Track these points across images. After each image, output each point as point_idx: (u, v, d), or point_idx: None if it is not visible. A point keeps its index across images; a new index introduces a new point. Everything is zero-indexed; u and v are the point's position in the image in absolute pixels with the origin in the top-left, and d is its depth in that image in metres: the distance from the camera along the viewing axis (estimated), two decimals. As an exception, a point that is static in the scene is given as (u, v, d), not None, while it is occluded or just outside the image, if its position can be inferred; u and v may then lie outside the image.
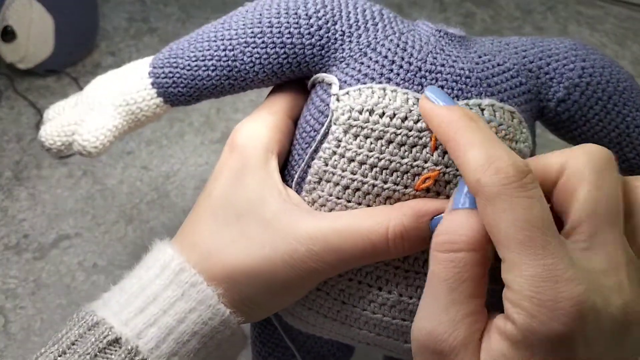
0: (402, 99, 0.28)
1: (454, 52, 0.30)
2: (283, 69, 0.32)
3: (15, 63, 0.67)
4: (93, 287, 0.49)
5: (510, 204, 0.22)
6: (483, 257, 0.24)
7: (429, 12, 0.83)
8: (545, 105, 0.32)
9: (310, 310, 0.31)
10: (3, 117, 0.65)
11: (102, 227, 0.54)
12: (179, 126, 0.65)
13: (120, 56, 0.73)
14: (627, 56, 0.77)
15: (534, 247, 0.22)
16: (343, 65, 0.30)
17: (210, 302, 0.28)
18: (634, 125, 0.32)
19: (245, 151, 0.30)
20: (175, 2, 0.82)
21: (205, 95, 0.34)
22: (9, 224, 0.54)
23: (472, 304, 0.23)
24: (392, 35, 0.30)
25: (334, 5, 0.31)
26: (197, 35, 0.33)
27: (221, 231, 0.29)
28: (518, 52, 0.32)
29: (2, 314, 0.47)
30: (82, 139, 0.33)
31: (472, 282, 0.24)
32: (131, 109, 0.34)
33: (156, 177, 0.59)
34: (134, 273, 0.30)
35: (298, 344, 0.37)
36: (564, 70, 0.31)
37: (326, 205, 0.29)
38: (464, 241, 0.24)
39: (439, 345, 0.23)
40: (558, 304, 0.21)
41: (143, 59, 0.35)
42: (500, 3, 0.86)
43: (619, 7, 0.86)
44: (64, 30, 0.68)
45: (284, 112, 0.32)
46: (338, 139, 0.29)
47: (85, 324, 0.28)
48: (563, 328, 0.21)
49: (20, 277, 0.50)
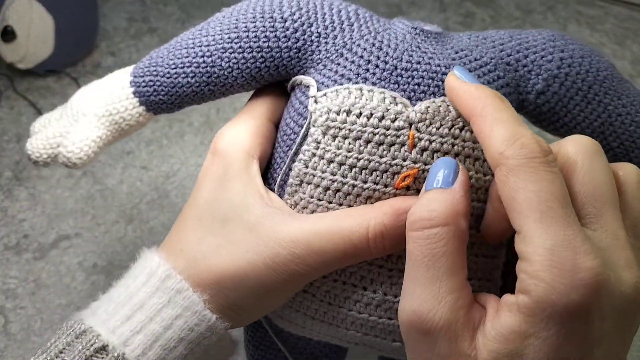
0: (379, 98, 0.28)
1: (430, 49, 0.30)
2: (262, 73, 0.32)
3: (15, 63, 0.67)
4: (93, 287, 0.49)
5: (534, 176, 0.22)
6: (458, 230, 0.24)
7: (428, 12, 0.83)
8: (525, 98, 0.32)
9: (298, 313, 0.31)
10: (3, 117, 0.65)
11: (102, 227, 0.54)
12: (179, 126, 0.65)
13: (120, 56, 0.73)
14: (627, 56, 0.77)
15: (556, 218, 0.22)
16: (320, 66, 0.30)
17: (196, 309, 0.28)
18: (615, 114, 0.32)
19: (227, 156, 0.31)
20: (175, 2, 0.82)
21: (187, 102, 0.34)
22: (9, 224, 0.54)
23: (453, 280, 0.23)
24: (368, 35, 0.30)
25: (309, 7, 0.31)
26: (176, 42, 0.33)
27: (207, 237, 0.29)
28: (495, 45, 0.31)
29: (2, 314, 0.47)
30: (66, 151, 0.34)
31: (449, 257, 0.24)
32: (114, 119, 0.34)
33: (156, 177, 0.59)
34: (122, 282, 0.30)
35: (289, 346, 0.37)
36: (542, 62, 0.31)
37: (308, 207, 0.29)
38: (436, 217, 0.24)
39: (424, 324, 0.23)
40: (578, 275, 0.21)
41: (125, 68, 0.35)
42: (500, 3, 0.86)
43: (619, 7, 0.86)
44: (64, 30, 0.68)
45: (265, 115, 0.32)
46: (317, 140, 0.29)
47: (73, 332, 0.28)
48: (582, 300, 0.21)
49: (20, 277, 0.50)
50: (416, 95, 0.29)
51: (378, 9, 0.83)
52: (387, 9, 0.83)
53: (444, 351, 0.23)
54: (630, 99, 0.32)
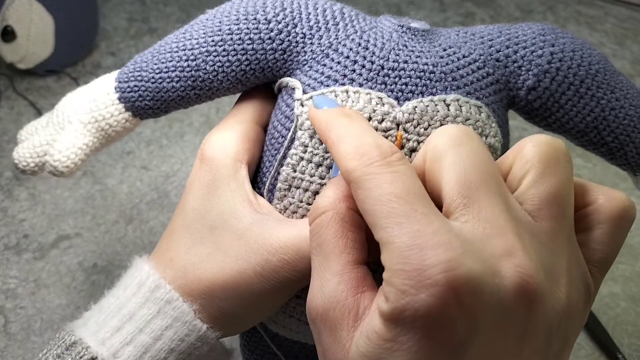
0: (365, 99, 0.28)
1: (417, 47, 0.30)
2: (247, 76, 0.31)
3: (15, 63, 0.67)
4: (93, 287, 0.49)
5: (374, 182, 0.21)
6: (337, 214, 0.23)
7: (428, 12, 0.83)
8: (516, 94, 0.31)
9: (291, 318, 0.31)
10: (3, 117, 0.65)
11: (102, 227, 0.54)
12: (178, 126, 0.65)
13: (120, 56, 0.73)
14: (627, 56, 0.77)
15: (398, 217, 0.20)
16: (306, 68, 0.30)
17: (186, 319, 0.28)
18: (609, 108, 0.31)
19: (215, 163, 0.30)
20: (175, 2, 0.82)
21: (173, 107, 0.33)
22: (9, 224, 0.54)
23: (334, 263, 0.23)
24: (354, 34, 0.30)
25: (293, 8, 0.31)
26: (160, 46, 0.33)
27: (196, 246, 0.29)
28: (484, 41, 0.31)
29: (2, 314, 0.47)
30: (53, 160, 0.33)
31: (330, 241, 0.23)
32: (100, 126, 0.33)
33: (156, 177, 0.59)
34: (113, 291, 0.30)
35: (285, 350, 0.37)
36: (532, 57, 0.31)
37: (297, 212, 0.29)
38: (325, 204, 0.24)
39: (310, 312, 0.23)
40: (424, 272, 0.19)
41: (110, 73, 0.35)
42: (500, 3, 0.86)
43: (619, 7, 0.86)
44: (64, 30, 0.68)
45: (252, 119, 0.32)
46: (304, 144, 0.29)
47: (63, 344, 0.28)
48: (433, 300, 0.19)
49: (20, 277, 0.50)
50: (404, 95, 0.28)
51: (378, 9, 0.83)
52: (387, 9, 0.83)
53: (326, 341, 0.22)
54: (624, 92, 0.32)
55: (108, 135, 0.34)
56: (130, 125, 0.34)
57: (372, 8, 0.84)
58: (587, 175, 0.61)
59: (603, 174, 0.61)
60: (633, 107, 0.32)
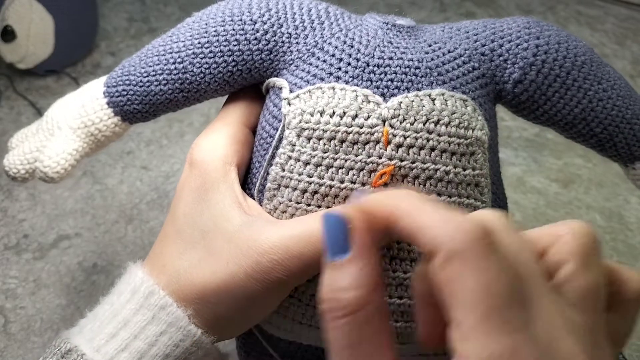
0: (351, 96, 0.28)
1: (402, 44, 0.30)
2: (234, 77, 0.32)
3: (15, 63, 0.67)
4: (93, 287, 0.49)
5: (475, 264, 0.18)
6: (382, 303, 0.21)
7: (428, 12, 0.83)
8: (502, 88, 0.31)
9: (285, 318, 0.31)
10: (3, 117, 0.65)
11: (102, 227, 0.54)
12: (178, 126, 0.65)
13: (120, 56, 0.73)
14: (627, 56, 0.77)
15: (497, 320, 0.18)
16: (292, 67, 0.30)
17: (180, 324, 0.28)
18: (597, 99, 0.31)
19: (204, 166, 0.30)
20: (175, 2, 0.82)
21: (162, 110, 0.33)
22: (9, 224, 0.54)
23: None
24: (339, 33, 0.30)
25: (278, 8, 0.31)
26: (147, 50, 0.33)
27: (188, 251, 0.29)
28: (469, 36, 0.31)
29: (2, 314, 0.47)
30: (43, 166, 0.33)
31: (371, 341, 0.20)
32: (90, 131, 0.33)
33: (156, 177, 0.59)
34: (107, 299, 0.30)
35: (281, 351, 0.37)
36: (517, 50, 0.31)
37: (287, 211, 0.29)
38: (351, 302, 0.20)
39: None
40: None
41: (98, 78, 0.34)
42: (500, 3, 0.86)
43: (619, 7, 0.86)
44: (64, 30, 0.68)
45: (239, 121, 0.32)
46: (292, 143, 0.29)
47: (59, 352, 0.28)
48: None
49: (20, 277, 0.50)
50: (390, 91, 0.29)
51: (378, 9, 0.83)
52: (387, 9, 0.83)
53: None
54: (611, 83, 0.32)
55: (98, 140, 0.34)
56: (119, 130, 0.34)
57: (373, 8, 0.84)
58: (587, 175, 0.61)
59: (603, 174, 0.61)
60: (620, 97, 0.32)
